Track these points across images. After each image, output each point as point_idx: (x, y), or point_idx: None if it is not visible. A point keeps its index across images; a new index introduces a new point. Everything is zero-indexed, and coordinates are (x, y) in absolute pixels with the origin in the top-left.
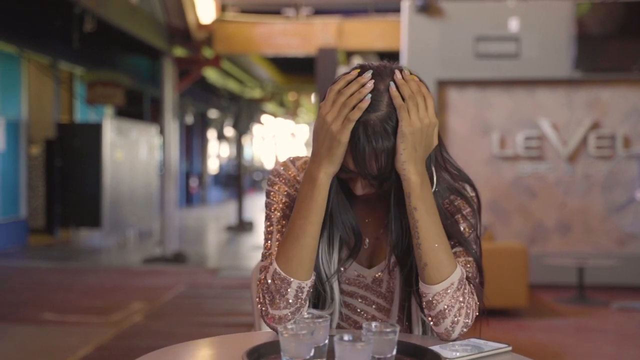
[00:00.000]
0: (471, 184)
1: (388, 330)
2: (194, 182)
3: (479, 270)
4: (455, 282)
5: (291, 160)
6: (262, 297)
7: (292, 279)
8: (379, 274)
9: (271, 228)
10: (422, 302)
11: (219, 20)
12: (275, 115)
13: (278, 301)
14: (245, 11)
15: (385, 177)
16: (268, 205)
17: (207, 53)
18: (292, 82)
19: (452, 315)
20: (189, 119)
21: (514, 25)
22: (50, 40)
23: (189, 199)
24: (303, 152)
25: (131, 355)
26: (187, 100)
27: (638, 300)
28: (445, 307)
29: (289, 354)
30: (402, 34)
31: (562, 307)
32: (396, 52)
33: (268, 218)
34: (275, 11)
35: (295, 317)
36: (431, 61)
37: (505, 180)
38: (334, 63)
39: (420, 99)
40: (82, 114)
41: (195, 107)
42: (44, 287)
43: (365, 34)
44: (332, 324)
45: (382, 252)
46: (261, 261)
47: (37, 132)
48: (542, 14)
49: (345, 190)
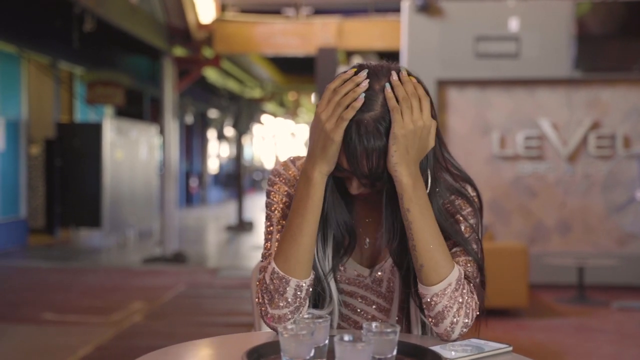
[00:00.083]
0: (472, 184)
1: (388, 330)
2: (194, 182)
3: (479, 270)
4: (453, 283)
5: (291, 160)
6: (261, 297)
7: (290, 278)
8: (379, 273)
9: (271, 228)
10: (421, 303)
11: (219, 20)
12: (275, 115)
13: (277, 300)
14: (245, 11)
15: (377, 176)
16: (268, 205)
17: (207, 53)
18: (292, 82)
19: (452, 316)
20: (189, 119)
21: (514, 25)
22: (50, 40)
23: (189, 198)
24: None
25: (131, 355)
26: (187, 100)
27: (638, 300)
28: (444, 308)
29: (289, 354)
30: (402, 34)
31: (562, 307)
32: (396, 52)
33: (268, 218)
34: (275, 11)
35: (295, 316)
36: (431, 61)
37: (505, 180)
38: (334, 63)
39: (415, 102)
40: (82, 113)
41: (195, 107)
42: (44, 287)
43: (365, 34)
44: (332, 323)
45: (383, 252)
46: (261, 261)
47: (37, 132)
48: (542, 14)
49: (344, 190)
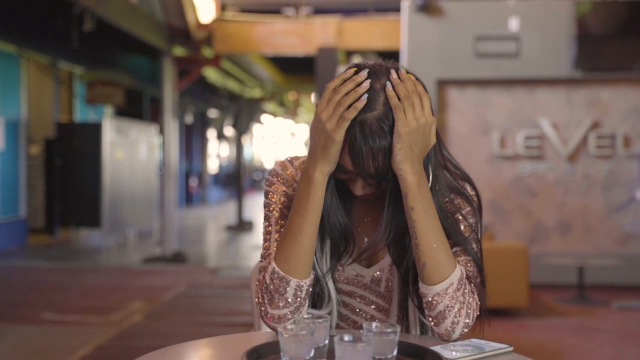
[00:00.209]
0: (471, 182)
1: (389, 330)
2: (193, 182)
3: (479, 269)
4: (455, 282)
5: (289, 160)
6: (261, 297)
7: (290, 278)
8: (378, 273)
9: (270, 228)
10: (420, 303)
11: (219, 20)
12: (275, 115)
13: (277, 301)
14: (245, 10)
15: (383, 176)
16: (266, 206)
17: (207, 52)
18: (292, 82)
19: (453, 316)
20: (189, 119)
21: (514, 24)
22: (49, 39)
23: (188, 198)
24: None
25: (131, 355)
26: (187, 99)
27: (638, 300)
28: (445, 308)
29: (288, 354)
30: (402, 34)
31: (562, 306)
32: (396, 51)
33: (267, 218)
34: (275, 10)
35: (295, 316)
36: (431, 61)
37: (505, 180)
38: (334, 62)
39: (416, 99)
40: (81, 113)
41: (195, 107)
42: (44, 287)
43: (365, 34)
44: (331, 323)
45: (381, 251)
46: (260, 261)
47: (37, 132)
48: (542, 14)
49: (342, 191)
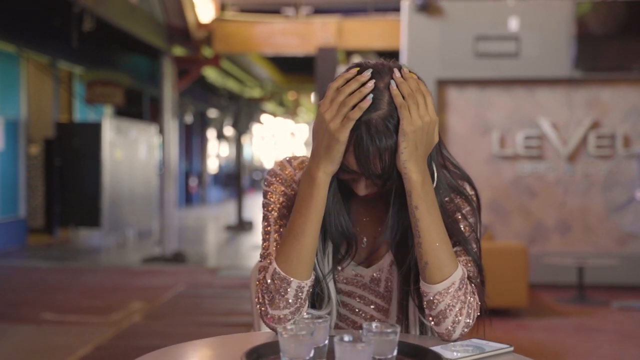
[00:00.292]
0: (470, 182)
1: (389, 330)
2: (193, 182)
3: (479, 269)
4: (457, 282)
5: (288, 160)
6: (261, 297)
7: (291, 279)
8: (377, 273)
9: (269, 228)
10: (420, 302)
11: (219, 20)
12: (274, 115)
13: (278, 301)
14: (245, 10)
15: (388, 176)
16: (265, 206)
17: (207, 52)
18: (292, 82)
19: (453, 315)
20: (189, 119)
21: (513, 24)
22: (49, 39)
23: (188, 198)
24: (302, 152)
25: (131, 355)
26: (187, 99)
27: (638, 300)
28: (446, 307)
29: (288, 354)
30: (402, 34)
31: (562, 306)
32: (396, 51)
33: (265, 218)
34: (274, 10)
35: (295, 317)
36: (431, 60)
37: (505, 180)
38: (334, 62)
39: (420, 97)
40: (81, 113)
41: (194, 107)
42: (43, 287)
43: (365, 33)
44: (330, 323)
45: (381, 251)
46: (260, 261)
47: (37, 132)
48: (542, 14)
49: (343, 191)
